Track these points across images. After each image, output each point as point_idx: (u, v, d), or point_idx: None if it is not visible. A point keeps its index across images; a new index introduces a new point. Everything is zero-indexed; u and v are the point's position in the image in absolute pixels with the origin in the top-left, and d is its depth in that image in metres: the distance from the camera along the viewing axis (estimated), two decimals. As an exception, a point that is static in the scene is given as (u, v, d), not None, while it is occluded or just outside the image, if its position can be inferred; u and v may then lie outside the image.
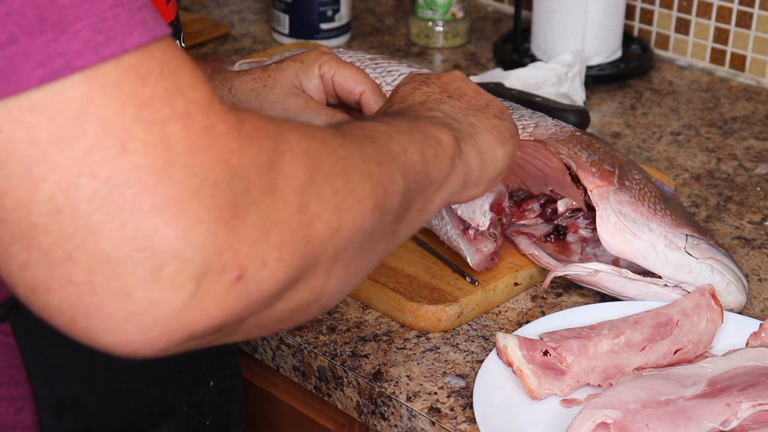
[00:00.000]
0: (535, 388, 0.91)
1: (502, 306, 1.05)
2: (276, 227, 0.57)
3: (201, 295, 0.55)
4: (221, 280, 0.55)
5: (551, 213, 1.10)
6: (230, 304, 0.56)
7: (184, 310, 0.55)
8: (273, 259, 0.57)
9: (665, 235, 1.00)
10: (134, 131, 0.53)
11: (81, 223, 0.53)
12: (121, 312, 0.54)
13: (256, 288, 0.57)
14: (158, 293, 0.54)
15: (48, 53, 0.52)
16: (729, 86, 1.52)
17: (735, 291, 1.00)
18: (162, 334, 0.55)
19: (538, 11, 1.54)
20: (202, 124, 0.55)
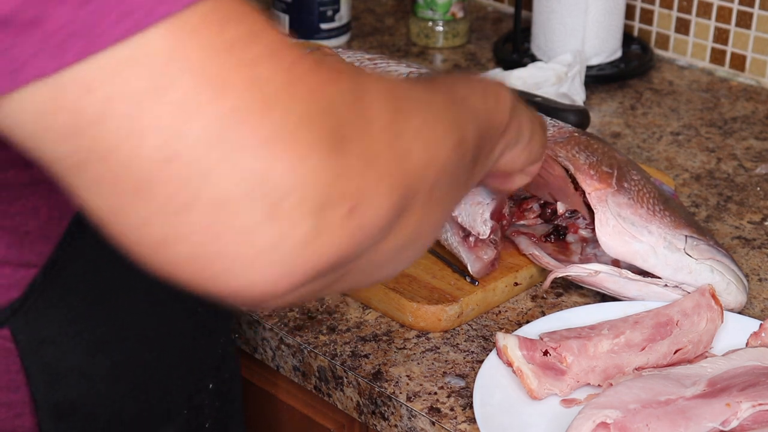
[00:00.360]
0: (535, 388, 0.91)
1: (502, 306, 1.05)
2: (375, 159, 0.57)
3: (320, 228, 0.54)
4: (336, 211, 0.55)
5: (551, 213, 1.10)
6: (347, 236, 0.56)
7: (306, 245, 0.54)
8: (379, 190, 0.57)
9: (664, 237, 1.00)
10: (226, 73, 0.53)
11: (194, 169, 0.52)
12: (246, 252, 0.54)
13: (368, 219, 0.57)
14: (280, 230, 0.53)
15: (128, 6, 0.52)
16: (729, 86, 1.52)
17: (735, 291, 1.00)
18: (287, 272, 0.55)
19: (538, 11, 1.54)
20: (288, 59, 0.55)
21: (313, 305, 1.05)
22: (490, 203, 1.02)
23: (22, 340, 0.72)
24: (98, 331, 0.76)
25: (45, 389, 0.74)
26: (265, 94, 0.54)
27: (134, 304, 0.77)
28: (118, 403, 0.79)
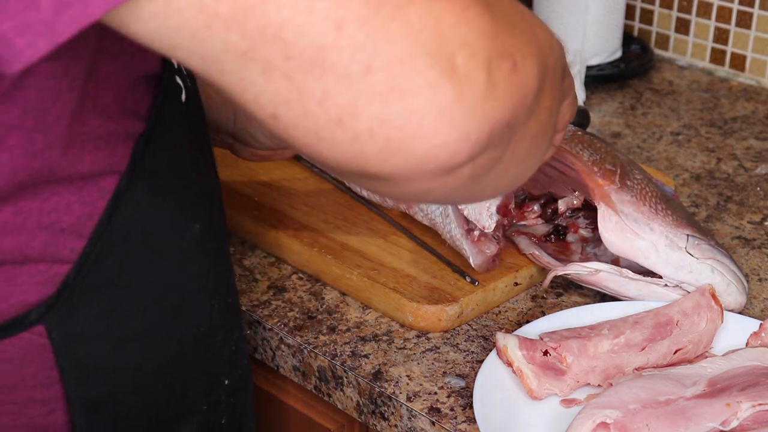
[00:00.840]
0: (535, 388, 0.91)
1: (502, 306, 1.05)
2: (516, 27, 0.58)
3: (493, 83, 0.54)
4: (502, 67, 0.55)
5: (551, 213, 1.10)
6: (514, 92, 0.56)
7: (485, 99, 0.54)
8: (526, 52, 0.57)
9: (666, 235, 1.00)
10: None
11: (367, 30, 0.52)
12: (432, 109, 0.53)
13: (525, 78, 0.57)
14: (459, 84, 0.53)
15: None
16: (729, 86, 1.52)
17: (735, 291, 1.00)
18: (471, 128, 0.54)
19: (538, 11, 1.54)
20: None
21: (313, 305, 1.05)
22: (496, 198, 1.02)
23: (56, 337, 0.72)
24: (126, 327, 0.76)
25: (77, 385, 0.74)
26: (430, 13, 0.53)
27: (158, 299, 0.78)
28: (145, 398, 0.79)
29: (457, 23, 0.53)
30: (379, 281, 1.03)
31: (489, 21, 0.55)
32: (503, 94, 0.56)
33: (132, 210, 0.73)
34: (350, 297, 1.06)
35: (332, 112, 0.53)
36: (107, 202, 0.72)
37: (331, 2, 0.52)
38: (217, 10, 0.51)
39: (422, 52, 0.53)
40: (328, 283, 1.07)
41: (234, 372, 0.88)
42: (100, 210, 0.72)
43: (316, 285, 1.08)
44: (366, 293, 1.04)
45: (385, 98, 0.53)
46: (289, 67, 0.53)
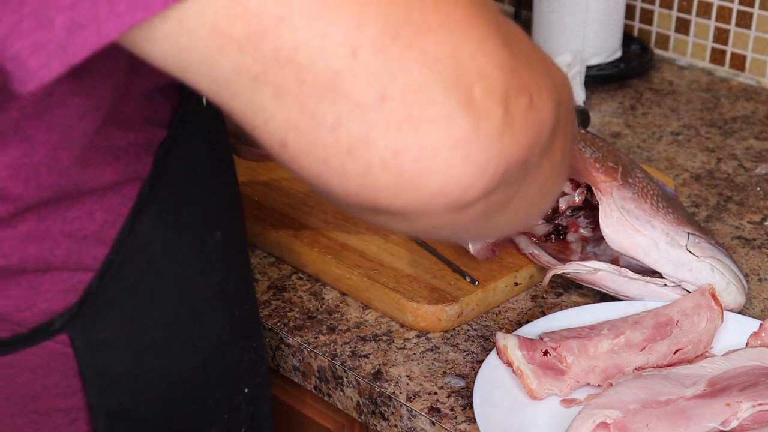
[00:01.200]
0: (535, 388, 0.91)
1: (502, 306, 1.05)
2: (533, 61, 0.57)
3: (510, 118, 0.53)
4: (520, 102, 0.54)
5: (551, 213, 1.10)
6: (530, 128, 0.55)
7: (501, 134, 0.53)
8: (543, 89, 0.56)
9: (667, 233, 1.00)
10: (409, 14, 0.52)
11: (383, 57, 0.51)
12: (447, 141, 0.52)
13: (542, 114, 0.56)
14: (476, 117, 0.52)
15: None
16: (729, 86, 1.52)
17: (735, 291, 1.00)
18: (487, 163, 0.53)
19: (538, 11, 1.54)
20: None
21: (313, 305, 1.05)
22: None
23: (79, 346, 0.72)
24: (147, 335, 0.76)
25: (99, 394, 0.74)
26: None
27: (179, 307, 0.77)
28: (166, 407, 0.79)
29: (475, 54, 0.52)
30: (379, 281, 1.03)
31: (507, 54, 0.54)
32: (520, 130, 0.54)
33: (154, 217, 0.73)
34: (350, 297, 1.06)
35: (344, 140, 0.52)
36: (129, 210, 0.72)
37: (347, 27, 0.50)
38: (231, 31, 0.50)
39: (439, 81, 0.51)
40: (328, 283, 1.07)
41: (253, 380, 0.88)
42: (123, 217, 0.72)
43: (316, 285, 1.08)
44: (366, 293, 1.04)
45: (400, 128, 0.52)
46: (302, 91, 0.51)
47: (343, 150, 0.52)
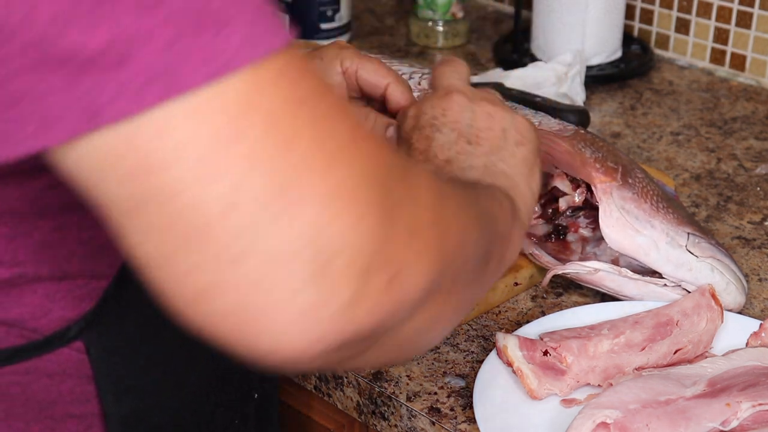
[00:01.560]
0: (535, 388, 0.91)
1: (502, 306, 1.05)
2: (420, 232, 0.57)
3: (364, 291, 0.54)
4: (381, 277, 0.54)
5: (552, 213, 1.10)
6: (387, 304, 0.55)
7: (348, 308, 0.54)
8: (420, 261, 0.57)
9: (667, 233, 1.00)
10: (298, 125, 0.53)
11: (253, 221, 0.51)
12: (290, 311, 0.53)
13: (407, 288, 0.56)
14: (325, 291, 0.53)
15: (211, 51, 0.51)
16: (729, 86, 1.52)
17: (734, 291, 1.00)
18: (324, 334, 0.54)
19: (538, 11, 1.54)
20: (353, 119, 0.55)
21: (313, 305, 1.05)
22: None
23: (94, 353, 0.72)
24: (161, 343, 0.76)
25: (114, 400, 0.74)
26: (330, 150, 0.53)
27: None
28: (179, 414, 0.79)
29: (345, 230, 0.53)
30: (379, 281, 1.03)
31: (382, 231, 0.54)
32: (371, 305, 0.55)
33: None
34: (350, 297, 1.06)
35: (195, 286, 0.53)
36: None
37: (229, 184, 0.51)
38: (121, 163, 0.51)
39: (300, 251, 0.52)
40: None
41: (263, 386, 0.88)
42: None
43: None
44: (366, 293, 1.04)
45: (249, 288, 0.52)
46: (168, 233, 0.52)
47: (193, 293, 0.53)
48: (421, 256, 0.57)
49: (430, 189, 0.60)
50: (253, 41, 0.52)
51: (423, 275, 0.57)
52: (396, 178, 0.57)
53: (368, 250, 0.54)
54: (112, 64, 0.50)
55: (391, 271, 0.55)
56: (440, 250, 0.59)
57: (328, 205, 0.53)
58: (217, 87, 0.51)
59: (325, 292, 0.53)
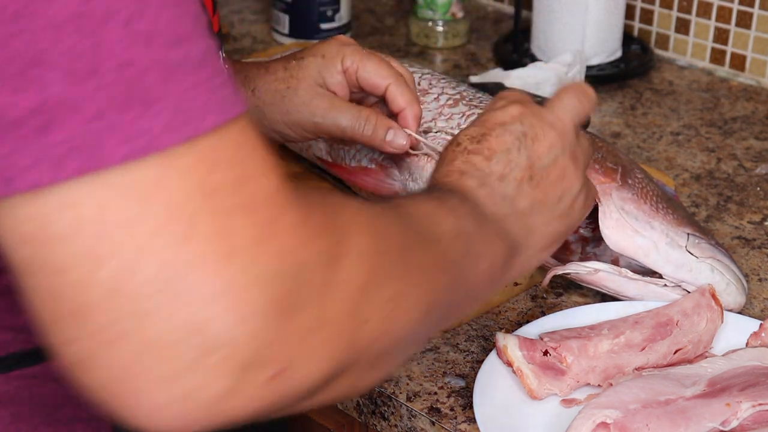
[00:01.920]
0: (535, 388, 0.91)
1: (502, 306, 1.05)
2: (326, 326, 0.57)
3: (241, 386, 0.54)
4: (262, 373, 0.54)
5: (551, 213, 1.10)
6: (267, 398, 0.55)
7: (222, 400, 0.54)
8: (316, 357, 0.56)
9: (667, 233, 1.00)
10: (199, 218, 0.52)
11: (137, 306, 0.52)
12: (161, 397, 0.53)
13: (294, 383, 0.56)
14: (200, 381, 0.53)
15: (135, 129, 0.51)
16: (729, 86, 1.52)
17: (735, 291, 1.00)
18: (195, 421, 0.54)
19: (538, 11, 1.54)
20: (267, 215, 0.55)
21: (313, 305, 1.05)
22: None
23: None
24: None
25: None
26: (230, 247, 0.53)
27: None
28: None
29: (227, 327, 0.53)
30: (379, 281, 1.03)
31: (269, 332, 0.54)
32: (248, 399, 0.54)
33: None
34: (350, 297, 1.06)
35: (72, 356, 0.54)
36: None
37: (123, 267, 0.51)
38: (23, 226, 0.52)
39: (177, 345, 0.52)
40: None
41: None
42: None
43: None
44: (366, 293, 1.04)
45: (123, 371, 0.53)
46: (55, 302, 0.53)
47: (69, 361, 0.54)
48: (321, 350, 0.57)
49: (360, 273, 0.59)
50: (178, 124, 0.52)
51: (318, 370, 0.57)
52: (316, 269, 0.56)
53: (249, 349, 0.53)
54: (36, 129, 0.50)
55: (275, 368, 0.55)
56: (350, 342, 0.58)
57: (214, 303, 0.52)
58: (130, 167, 0.51)
59: (197, 384, 0.53)
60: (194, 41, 0.53)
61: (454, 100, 1.13)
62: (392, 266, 0.62)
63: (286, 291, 0.54)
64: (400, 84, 0.97)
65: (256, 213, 0.54)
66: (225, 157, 0.54)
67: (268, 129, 1.02)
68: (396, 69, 0.99)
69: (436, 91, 1.15)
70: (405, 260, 0.64)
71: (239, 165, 0.54)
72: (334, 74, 0.98)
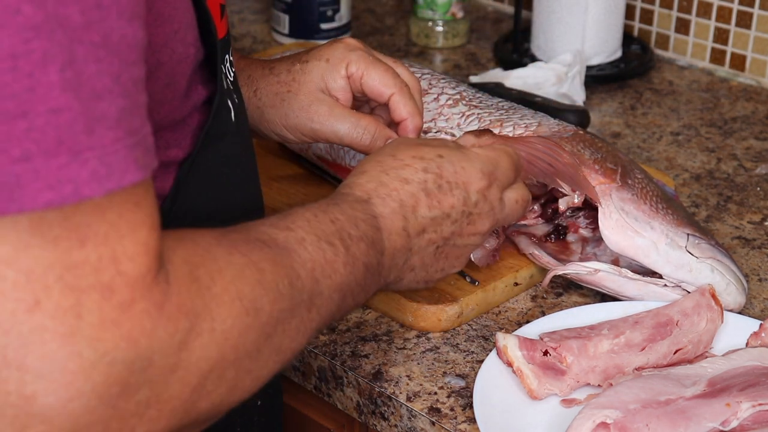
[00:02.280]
0: (535, 388, 0.91)
1: (502, 306, 1.05)
2: (160, 404, 0.57)
3: None
4: None
5: (552, 213, 1.10)
6: None
7: None
8: (148, 428, 0.57)
9: (667, 234, 1.00)
10: (52, 292, 0.52)
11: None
12: None
13: None
14: None
15: (59, 177, 0.51)
16: (729, 86, 1.52)
17: (735, 291, 1.00)
18: None
19: (538, 11, 1.54)
20: (122, 299, 0.54)
21: (313, 305, 1.05)
22: None
23: None
24: None
25: None
26: (75, 326, 0.53)
27: None
28: None
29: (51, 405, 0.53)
30: (379, 281, 1.03)
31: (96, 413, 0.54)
32: None
33: None
34: (350, 297, 1.06)
35: None
36: None
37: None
38: None
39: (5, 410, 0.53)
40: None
41: (266, 391, 0.88)
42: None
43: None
44: (366, 293, 1.04)
45: None
46: None
47: None
48: (153, 423, 0.57)
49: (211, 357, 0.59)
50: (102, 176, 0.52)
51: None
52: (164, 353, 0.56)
53: (70, 426, 0.53)
54: None
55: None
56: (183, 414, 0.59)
57: (43, 380, 0.53)
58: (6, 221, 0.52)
59: None
60: (113, 99, 0.54)
61: (454, 100, 1.13)
62: (250, 341, 0.63)
63: (121, 376, 0.54)
64: (404, 95, 0.97)
65: (112, 295, 0.54)
66: (99, 233, 0.54)
67: (268, 130, 1.02)
68: (401, 78, 0.98)
69: (436, 91, 1.15)
70: (266, 333, 0.64)
71: (111, 244, 0.54)
72: (337, 79, 0.98)
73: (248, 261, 0.64)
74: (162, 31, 0.68)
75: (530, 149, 1.02)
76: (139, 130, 0.55)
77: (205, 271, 0.60)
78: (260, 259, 0.65)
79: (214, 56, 0.75)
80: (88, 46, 0.53)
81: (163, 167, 0.72)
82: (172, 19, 0.68)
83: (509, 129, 1.08)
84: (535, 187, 1.09)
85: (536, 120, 1.10)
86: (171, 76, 0.70)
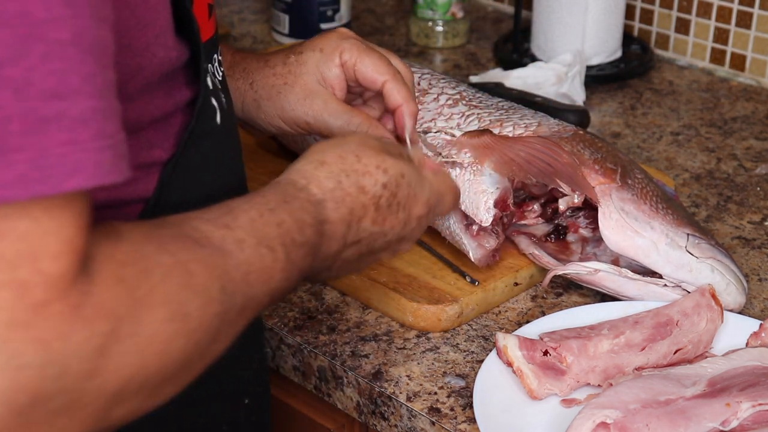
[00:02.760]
0: (535, 388, 0.91)
1: (502, 306, 1.05)
2: (74, 411, 0.55)
3: None
4: None
5: (552, 213, 1.10)
6: None
7: None
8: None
9: (667, 234, 1.00)
10: None
11: None
12: None
13: None
14: None
15: None
16: (729, 86, 1.52)
17: (735, 291, 1.00)
18: None
19: (538, 11, 1.54)
20: (36, 299, 0.52)
21: (313, 305, 1.05)
22: (494, 192, 1.02)
23: None
24: None
25: None
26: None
27: None
28: (165, 421, 0.78)
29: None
30: (379, 281, 1.03)
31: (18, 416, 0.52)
32: None
33: None
34: (350, 297, 1.06)
35: None
36: None
37: None
38: None
39: None
40: (328, 283, 1.07)
41: (255, 390, 0.87)
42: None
43: (315, 285, 1.08)
44: (366, 293, 1.04)
45: None
46: None
47: None
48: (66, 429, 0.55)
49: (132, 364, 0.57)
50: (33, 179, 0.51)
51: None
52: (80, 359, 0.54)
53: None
54: None
55: None
56: (97, 420, 0.57)
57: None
58: None
59: None
60: (79, 99, 0.52)
61: (454, 100, 1.13)
62: (178, 349, 0.60)
63: (31, 383, 0.52)
64: (397, 81, 0.97)
65: (24, 295, 0.52)
66: (19, 229, 0.52)
67: (265, 122, 1.02)
68: (394, 66, 0.99)
69: (436, 91, 1.15)
70: (194, 340, 0.62)
71: (33, 241, 0.52)
72: (331, 68, 0.98)
73: (176, 261, 0.61)
74: (143, 35, 0.68)
75: (530, 149, 1.02)
76: (113, 135, 0.54)
77: (132, 270, 0.57)
78: (190, 260, 0.62)
79: (197, 57, 0.75)
80: (51, 44, 0.51)
81: (146, 168, 0.72)
82: (153, 23, 0.68)
83: (509, 129, 1.07)
84: (535, 187, 1.09)
85: (536, 120, 1.10)
86: (150, 79, 0.70)
